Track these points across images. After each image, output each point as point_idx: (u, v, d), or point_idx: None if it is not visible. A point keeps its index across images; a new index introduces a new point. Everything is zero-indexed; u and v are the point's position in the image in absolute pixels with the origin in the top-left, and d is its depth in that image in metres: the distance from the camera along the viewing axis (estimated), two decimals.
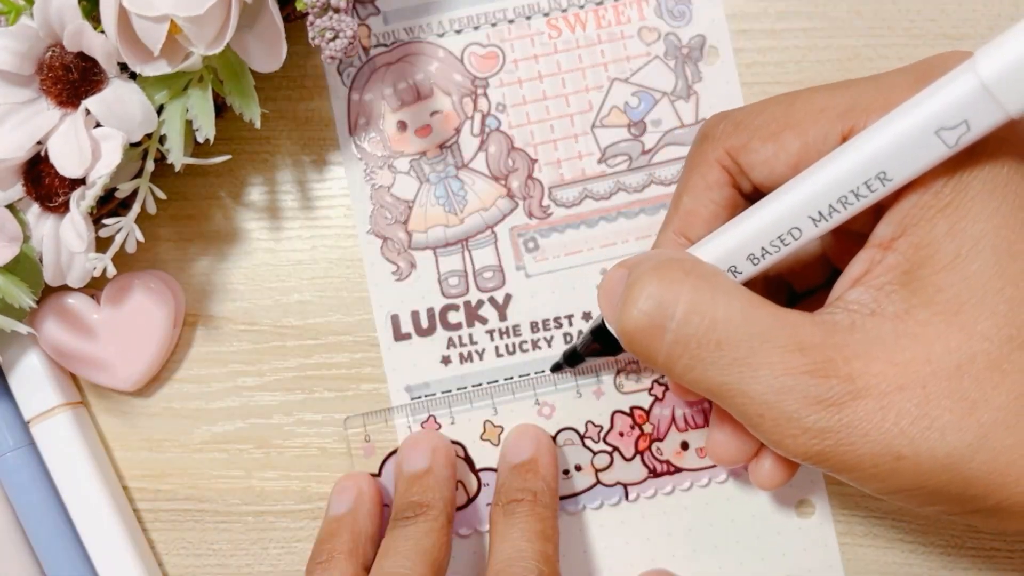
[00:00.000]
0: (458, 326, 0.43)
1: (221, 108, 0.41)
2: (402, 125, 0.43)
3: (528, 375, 0.43)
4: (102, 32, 0.35)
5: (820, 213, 0.31)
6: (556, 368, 0.42)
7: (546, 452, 0.41)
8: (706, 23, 0.43)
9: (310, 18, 0.35)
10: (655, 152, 0.43)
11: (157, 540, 0.44)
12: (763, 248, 0.32)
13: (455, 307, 0.43)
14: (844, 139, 0.31)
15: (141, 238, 0.38)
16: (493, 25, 0.43)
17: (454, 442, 0.43)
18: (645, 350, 0.32)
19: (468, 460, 0.43)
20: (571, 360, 0.41)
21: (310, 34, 0.35)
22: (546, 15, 0.43)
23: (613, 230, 0.43)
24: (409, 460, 0.41)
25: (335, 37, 0.35)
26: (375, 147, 0.43)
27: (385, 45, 0.43)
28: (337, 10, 0.35)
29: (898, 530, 0.42)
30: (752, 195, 0.35)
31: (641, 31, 0.43)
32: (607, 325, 0.37)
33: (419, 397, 0.43)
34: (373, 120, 0.43)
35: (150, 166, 0.38)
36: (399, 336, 0.43)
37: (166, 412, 0.44)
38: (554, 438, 0.42)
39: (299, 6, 0.35)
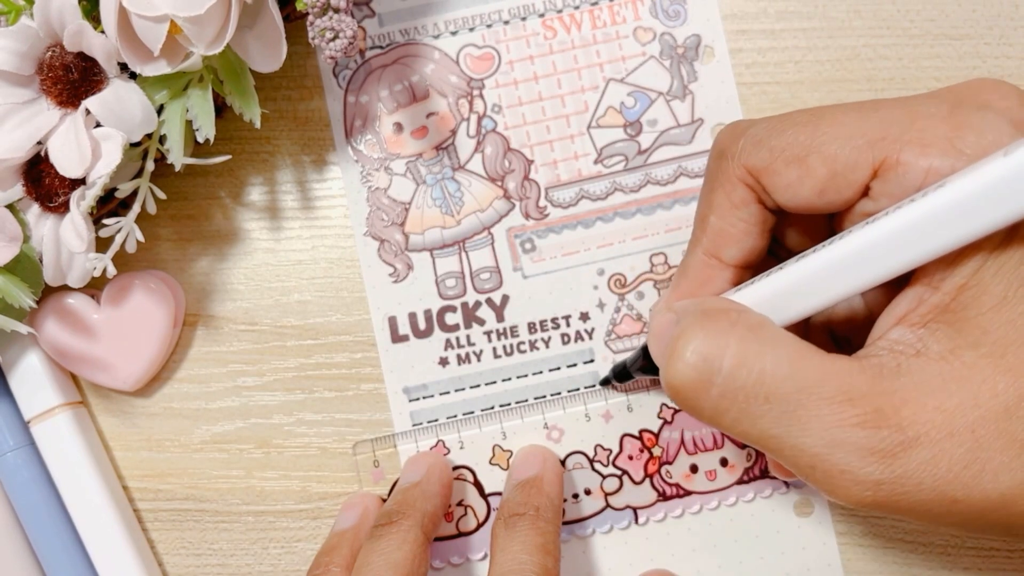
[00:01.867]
0: (455, 327, 0.43)
1: (221, 108, 0.41)
2: (398, 127, 0.43)
3: (544, 397, 0.43)
4: (102, 32, 0.35)
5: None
6: (605, 382, 0.42)
7: (551, 471, 0.41)
8: (701, 23, 0.43)
9: (310, 18, 0.35)
10: (651, 152, 0.43)
11: (157, 540, 0.44)
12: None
13: (452, 308, 0.43)
14: (875, 171, 0.30)
15: (141, 238, 0.38)
16: (488, 26, 0.43)
17: (463, 467, 0.43)
18: (692, 403, 0.31)
19: (478, 485, 0.43)
20: (620, 376, 0.41)
21: (310, 34, 0.35)
22: (541, 15, 0.43)
23: (610, 230, 0.43)
24: (403, 475, 0.41)
25: (335, 37, 0.35)
26: (371, 149, 0.43)
27: (381, 47, 0.43)
28: (337, 10, 0.35)
29: (898, 530, 0.42)
30: (780, 210, 0.34)
31: (636, 31, 0.43)
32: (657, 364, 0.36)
33: (417, 399, 0.43)
34: (369, 122, 0.43)
35: (150, 166, 0.38)
36: (396, 338, 0.43)
37: (166, 412, 0.44)
38: (563, 462, 0.42)
39: (299, 6, 0.35)
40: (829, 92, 0.43)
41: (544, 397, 0.43)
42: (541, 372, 0.43)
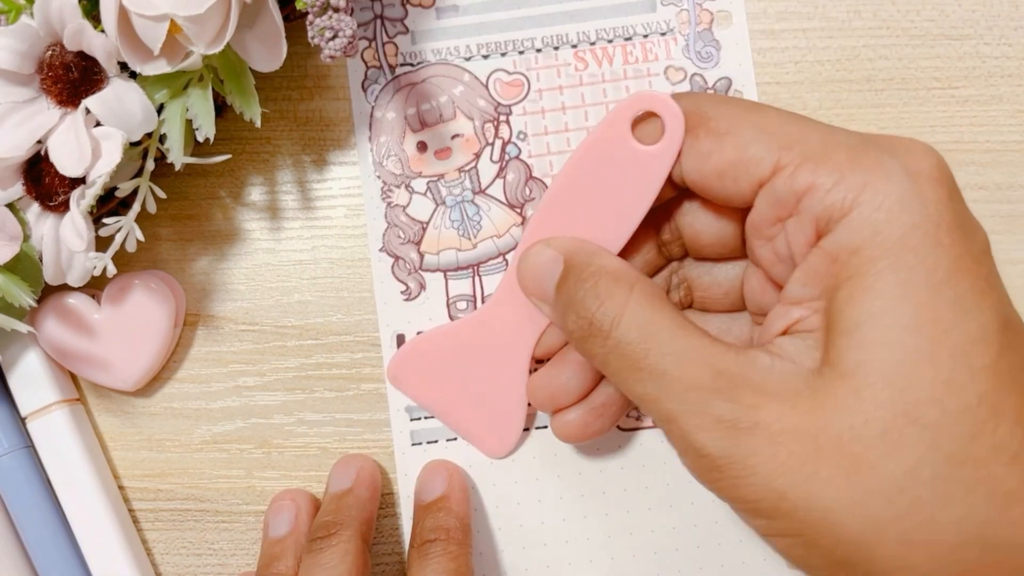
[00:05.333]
0: None
1: (221, 108, 0.41)
2: (422, 146, 0.43)
3: (544, 427, 0.43)
4: (102, 31, 0.35)
5: None
6: None
7: (457, 488, 0.41)
8: (733, 67, 0.43)
9: (310, 17, 0.35)
10: None
11: (157, 540, 0.44)
12: None
13: None
14: (773, 171, 0.31)
15: (141, 237, 0.38)
16: (520, 53, 0.43)
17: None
18: (583, 348, 0.34)
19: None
20: None
21: (309, 33, 0.35)
22: (574, 46, 0.43)
23: None
24: (334, 480, 0.41)
25: (334, 36, 0.35)
26: (394, 166, 0.43)
27: (411, 64, 0.43)
28: (337, 9, 0.35)
29: None
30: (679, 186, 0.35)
31: (668, 70, 0.43)
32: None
33: (419, 418, 0.43)
34: (394, 139, 0.43)
35: (150, 165, 0.38)
36: None
37: (167, 412, 0.44)
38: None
39: (299, 5, 0.35)
40: (829, 92, 0.43)
41: (545, 427, 0.43)
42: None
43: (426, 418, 0.43)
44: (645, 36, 0.43)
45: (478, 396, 0.41)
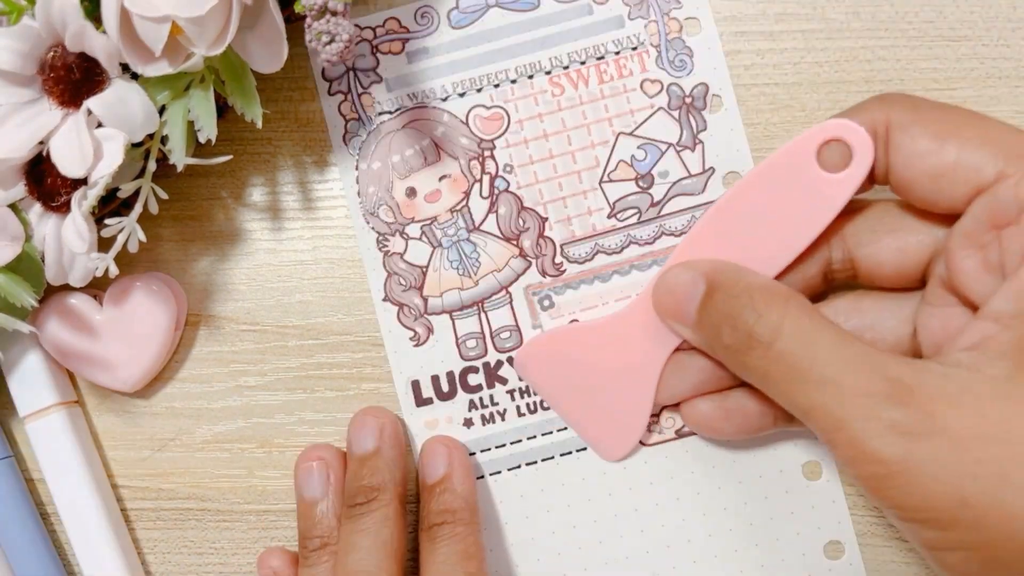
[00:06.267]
0: (478, 388, 0.43)
1: (223, 109, 0.41)
2: (411, 191, 0.43)
3: (570, 453, 0.43)
4: (104, 32, 0.35)
5: None
6: None
7: (459, 465, 0.41)
8: (708, 71, 0.43)
9: (308, 21, 0.35)
10: (664, 203, 0.43)
11: (159, 539, 0.44)
12: None
13: (474, 369, 0.43)
14: (997, 178, 0.30)
15: (143, 238, 0.38)
16: (496, 86, 0.43)
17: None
18: (745, 362, 0.33)
19: None
20: None
21: (307, 37, 0.35)
22: (548, 73, 0.43)
23: (626, 283, 0.43)
24: (357, 441, 0.41)
25: (331, 40, 0.35)
26: (386, 214, 0.43)
27: (389, 112, 0.43)
28: (335, 13, 0.35)
29: None
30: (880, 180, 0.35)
31: (643, 83, 0.43)
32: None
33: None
34: (382, 188, 0.43)
35: (152, 166, 0.38)
36: (420, 402, 0.43)
37: (168, 412, 0.44)
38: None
39: (297, 8, 0.35)
40: (827, 94, 0.43)
41: (570, 453, 0.43)
42: (566, 428, 0.43)
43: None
44: (617, 53, 0.43)
45: (602, 399, 0.41)
